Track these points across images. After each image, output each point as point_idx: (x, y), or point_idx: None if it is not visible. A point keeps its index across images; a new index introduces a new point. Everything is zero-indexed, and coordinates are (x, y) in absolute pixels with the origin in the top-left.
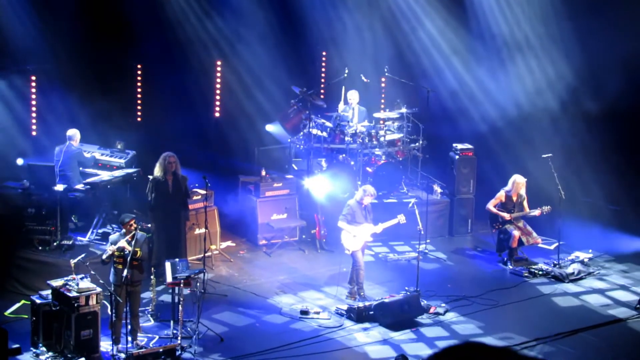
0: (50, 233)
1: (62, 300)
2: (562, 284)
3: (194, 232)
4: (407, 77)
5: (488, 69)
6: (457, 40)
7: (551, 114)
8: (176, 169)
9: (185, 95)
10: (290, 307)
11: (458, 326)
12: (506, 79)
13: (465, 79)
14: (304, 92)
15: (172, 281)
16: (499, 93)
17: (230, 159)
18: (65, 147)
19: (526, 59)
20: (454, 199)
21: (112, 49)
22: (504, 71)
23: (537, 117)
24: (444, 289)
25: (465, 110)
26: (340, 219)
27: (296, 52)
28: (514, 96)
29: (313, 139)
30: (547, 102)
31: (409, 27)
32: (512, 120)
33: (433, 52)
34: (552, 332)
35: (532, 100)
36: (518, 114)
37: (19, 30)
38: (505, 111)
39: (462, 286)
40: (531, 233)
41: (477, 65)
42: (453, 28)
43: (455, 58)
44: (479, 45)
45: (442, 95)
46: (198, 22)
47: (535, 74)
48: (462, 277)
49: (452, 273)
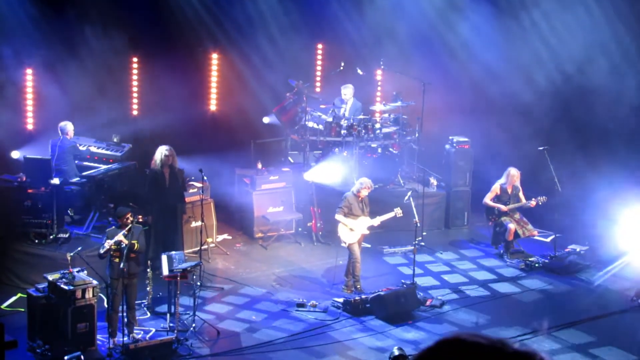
0: (46, 226)
1: (59, 293)
2: (558, 275)
3: (191, 225)
4: (404, 69)
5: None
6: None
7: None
8: (173, 161)
9: (181, 89)
10: (286, 300)
11: (455, 318)
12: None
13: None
14: (300, 85)
15: (168, 274)
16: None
17: (226, 151)
18: (59, 142)
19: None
20: (450, 191)
21: (108, 42)
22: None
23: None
24: (441, 282)
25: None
26: (337, 212)
27: (292, 44)
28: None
29: (309, 132)
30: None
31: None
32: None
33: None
34: (550, 323)
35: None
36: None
37: (15, 23)
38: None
39: (458, 279)
40: (527, 225)
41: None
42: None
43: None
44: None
45: (439, 88)
46: (194, 14)
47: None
48: (459, 269)
49: (449, 265)
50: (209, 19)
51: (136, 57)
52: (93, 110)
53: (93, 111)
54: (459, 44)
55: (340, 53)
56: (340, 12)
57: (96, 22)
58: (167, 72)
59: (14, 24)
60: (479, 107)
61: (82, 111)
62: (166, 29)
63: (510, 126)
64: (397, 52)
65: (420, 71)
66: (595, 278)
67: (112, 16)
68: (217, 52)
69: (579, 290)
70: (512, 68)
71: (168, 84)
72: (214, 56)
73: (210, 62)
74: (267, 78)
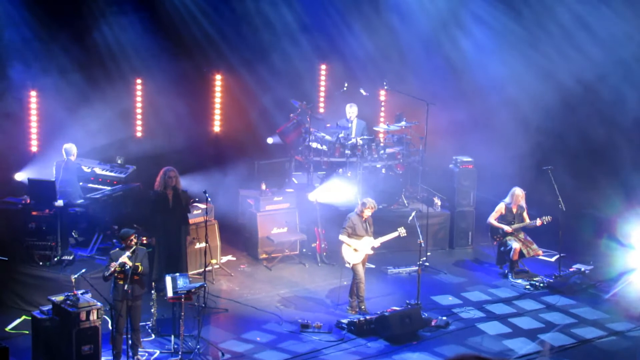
0: (50, 248)
1: (63, 315)
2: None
3: (195, 247)
4: (407, 89)
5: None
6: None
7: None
8: (176, 183)
9: (185, 110)
10: (291, 321)
11: (459, 338)
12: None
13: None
14: (304, 106)
15: (173, 296)
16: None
17: (230, 172)
18: (63, 164)
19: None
20: (454, 211)
21: (112, 64)
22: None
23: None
24: (445, 302)
25: (465, 122)
26: (341, 232)
27: (295, 65)
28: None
29: (313, 153)
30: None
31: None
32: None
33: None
34: (554, 343)
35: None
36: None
37: (20, 45)
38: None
39: (462, 299)
40: (532, 244)
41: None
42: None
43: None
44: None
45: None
46: (198, 36)
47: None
48: (462, 289)
49: (453, 286)
50: (212, 41)
51: (140, 78)
52: (97, 132)
53: (97, 133)
54: (462, 63)
55: (343, 74)
56: (344, 33)
57: (101, 44)
58: (171, 94)
59: (19, 46)
60: (483, 127)
61: (87, 133)
62: (170, 50)
63: (515, 145)
64: (401, 72)
65: (424, 91)
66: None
67: (117, 39)
68: (221, 73)
69: (582, 306)
70: (518, 88)
71: (172, 105)
72: (218, 77)
73: (214, 83)
74: (270, 99)
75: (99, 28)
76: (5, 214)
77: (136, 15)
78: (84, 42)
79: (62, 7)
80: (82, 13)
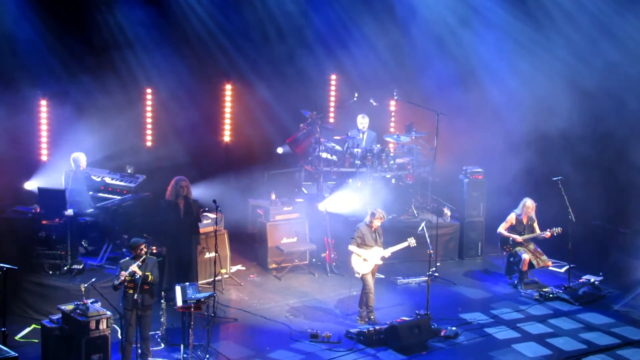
0: (60, 257)
1: (73, 324)
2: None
3: (204, 256)
4: (417, 99)
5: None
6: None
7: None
8: (187, 192)
9: (195, 119)
10: (300, 331)
11: (468, 349)
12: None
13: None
14: (314, 116)
15: (182, 305)
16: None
17: (240, 182)
18: (72, 174)
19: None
20: (464, 222)
21: (122, 73)
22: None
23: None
24: (454, 312)
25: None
26: (351, 243)
27: (305, 75)
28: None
29: (322, 163)
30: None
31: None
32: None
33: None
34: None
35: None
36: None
37: (30, 54)
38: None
39: (472, 309)
40: (542, 255)
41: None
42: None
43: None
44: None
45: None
46: (208, 46)
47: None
48: (472, 300)
49: (462, 296)
50: (223, 51)
51: (150, 88)
52: (107, 141)
53: (107, 142)
54: (473, 73)
55: (353, 84)
56: (354, 43)
57: (111, 54)
58: (181, 103)
59: (29, 55)
60: (493, 137)
61: (96, 142)
62: (180, 60)
63: (525, 156)
64: (411, 82)
65: (434, 101)
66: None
67: (127, 48)
68: (231, 83)
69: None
70: (529, 98)
71: (182, 114)
72: (228, 87)
73: (224, 93)
74: (280, 109)
75: (110, 38)
76: (15, 223)
77: (147, 25)
78: (94, 51)
79: (74, 17)
80: (95, 23)
